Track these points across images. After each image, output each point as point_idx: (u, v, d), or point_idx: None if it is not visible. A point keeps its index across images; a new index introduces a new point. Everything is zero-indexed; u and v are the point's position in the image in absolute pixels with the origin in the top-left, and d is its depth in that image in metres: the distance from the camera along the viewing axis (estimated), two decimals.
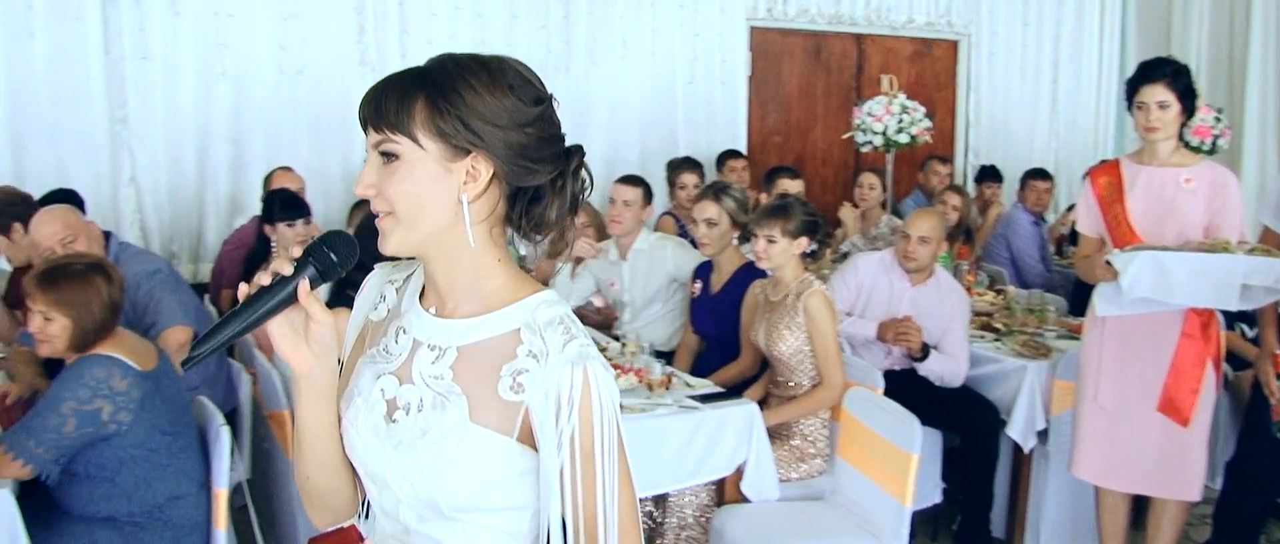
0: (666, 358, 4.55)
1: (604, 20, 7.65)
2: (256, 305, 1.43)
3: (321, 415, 1.56)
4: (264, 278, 1.44)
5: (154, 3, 6.35)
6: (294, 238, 4.89)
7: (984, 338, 4.92)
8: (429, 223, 1.44)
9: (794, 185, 5.95)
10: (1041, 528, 4.46)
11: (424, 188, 1.42)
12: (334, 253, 1.46)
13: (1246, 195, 5.17)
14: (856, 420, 3.69)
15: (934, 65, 9.05)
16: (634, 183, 5.16)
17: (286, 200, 5.08)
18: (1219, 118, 7.56)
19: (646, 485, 3.61)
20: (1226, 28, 8.74)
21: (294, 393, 1.55)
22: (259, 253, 5.25)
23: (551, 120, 1.48)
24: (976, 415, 4.50)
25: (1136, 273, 3.55)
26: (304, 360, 1.50)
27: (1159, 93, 3.70)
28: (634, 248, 5.14)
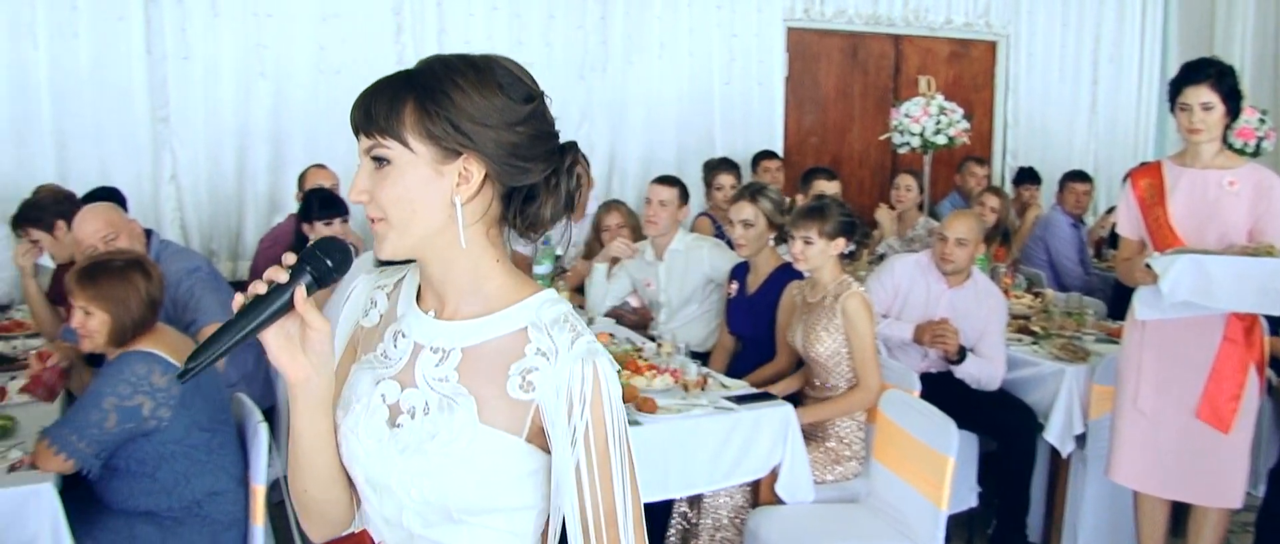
0: (702, 359, 4.54)
1: (641, 20, 7.66)
2: (253, 314, 1.41)
3: (319, 425, 1.54)
4: (260, 287, 1.42)
5: (195, 3, 6.44)
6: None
7: (1021, 341, 4.88)
8: (423, 226, 1.43)
9: (830, 187, 5.93)
10: (1079, 533, 4.42)
11: (416, 192, 1.41)
12: (329, 259, 1.44)
13: None
14: (892, 423, 3.67)
15: (972, 66, 9.00)
16: (670, 183, 5.16)
17: (325, 199, 5.11)
18: (1264, 119, 7.46)
19: (681, 486, 3.61)
20: (1272, 28, 8.64)
21: (290, 403, 1.52)
22: (297, 251, 5.28)
23: (544, 118, 1.47)
24: (1013, 419, 4.47)
25: (1177, 276, 3.51)
26: (301, 369, 1.47)
27: (1203, 94, 3.66)
28: (670, 248, 5.14)
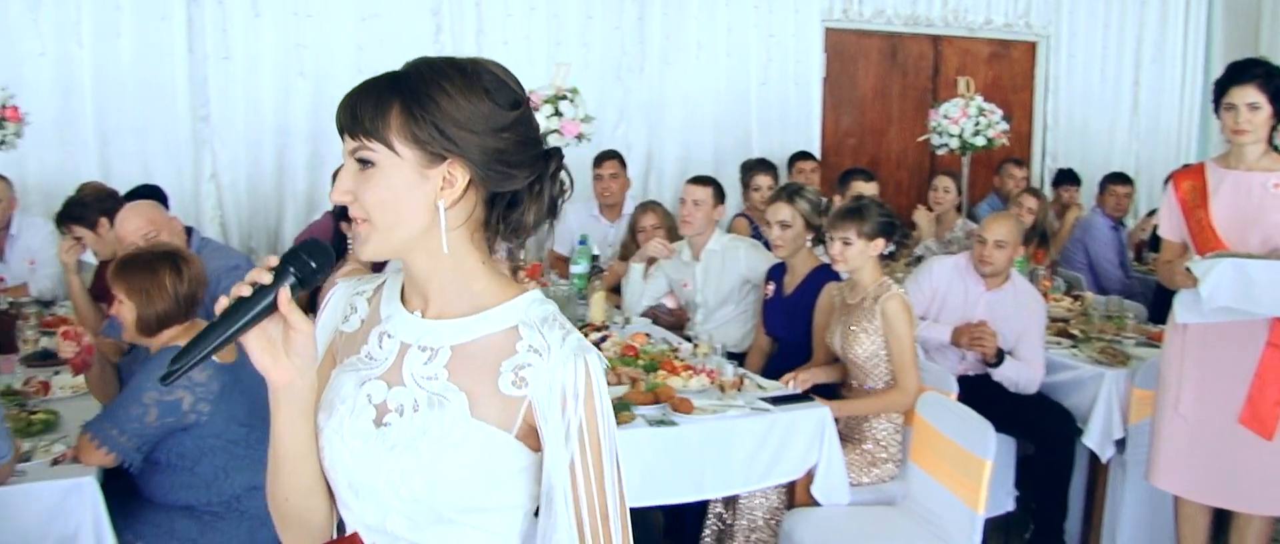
0: (738, 359, 4.53)
1: (678, 21, 7.66)
2: (236, 316, 1.39)
3: (301, 431, 1.51)
4: (243, 289, 1.40)
5: (236, 4, 6.52)
6: None
7: (1060, 344, 4.85)
8: (406, 229, 1.43)
9: (869, 188, 5.91)
10: (1117, 539, 4.39)
11: (400, 194, 1.41)
12: (313, 261, 1.43)
13: None
14: (929, 425, 3.65)
15: (1012, 67, 8.93)
16: (704, 182, 5.15)
17: None
18: None
19: (717, 487, 3.61)
20: None
21: (272, 409, 1.49)
22: (336, 248, 5.32)
23: (529, 124, 1.47)
24: (1052, 423, 4.44)
25: (1217, 281, 3.47)
26: (284, 372, 1.45)
27: (1249, 94, 3.61)
28: (707, 249, 5.13)
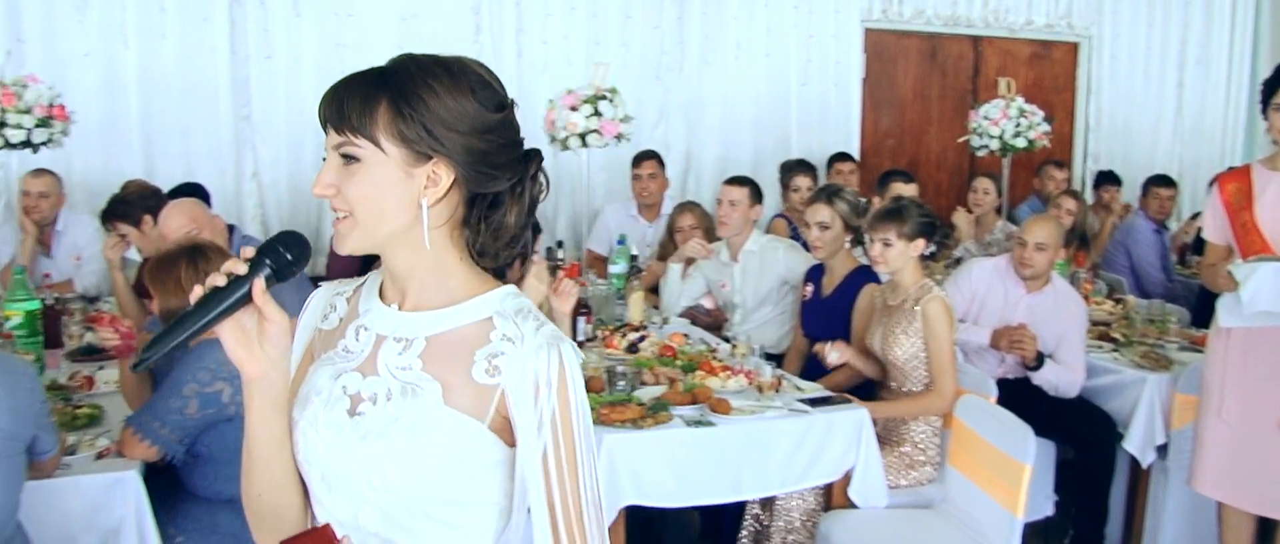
0: (776, 360, 4.53)
1: (718, 21, 7.66)
2: (210, 306, 1.38)
3: (274, 425, 1.50)
4: (218, 279, 1.40)
5: (278, 4, 6.59)
6: None
7: (1101, 348, 4.80)
8: (389, 226, 1.43)
9: (908, 189, 5.88)
10: None
11: (384, 191, 1.41)
12: (289, 252, 1.43)
13: None
14: (968, 428, 3.63)
15: (1053, 68, 8.86)
16: (740, 183, 5.15)
17: None
18: None
19: (754, 488, 3.60)
20: None
21: (245, 402, 1.49)
22: (366, 261, 5.35)
23: (512, 126, 1.48)
24: (1092, 427, 4.41)
25: (1258, 285, 3.44)
26: (258, 363, 1.45)
27: None
28: (745, 249, 5.13)
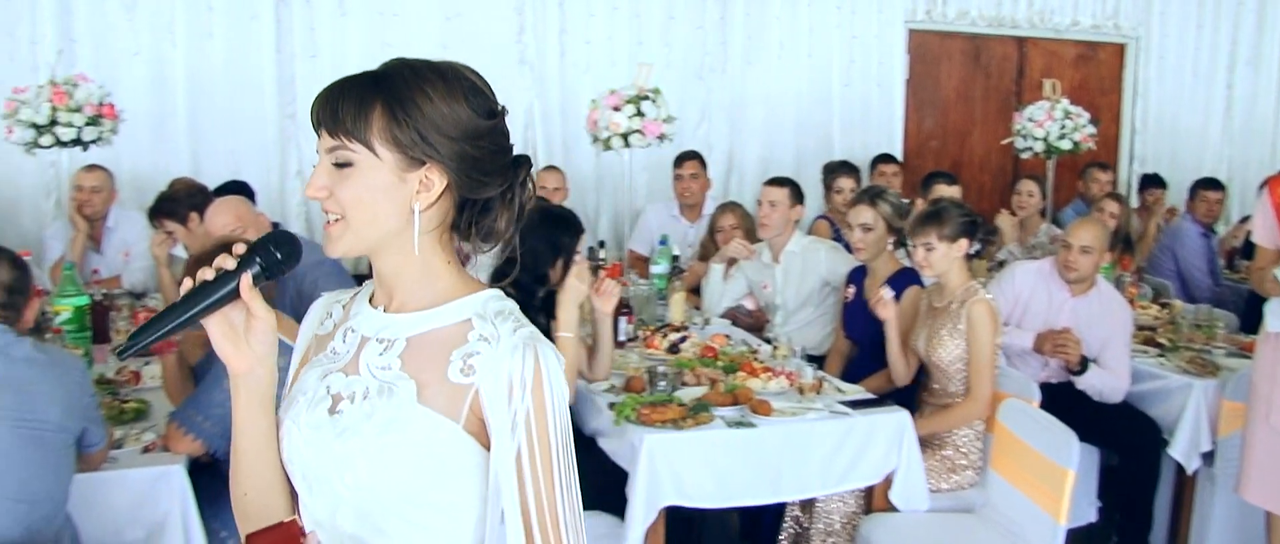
0: (817, 362, 4.51)
1: (760, 21, 7.65)
2: (197, 299, 1.40)
3: (260, 423, 1.52)
4: (208, 273, 1.42)
5: (323, 3, 6.67)
6: None
7: (1147, 353, 4.75)
8: (380, 229, 1.44)
9: (951, 191, 5.85)
10: None
11: (377, 195, 1.41)
12: (278, 251, 1.45)
13: None
14: (1011, 433, 3.61)
15: (1099, 69, 8.78)
16: (780, 183, 5.13)
17: None
18: None
19: (794, 489, 3.60)
20: None
21: (232, 398, 1.52)
22: None
23: (503, 132, 1.48)
24: (1137, 433, 4.37)
25: None
26: (244, 359, 1.48)
27: None
28: (786, 250, 5.12)
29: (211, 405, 3.04)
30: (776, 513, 3.90)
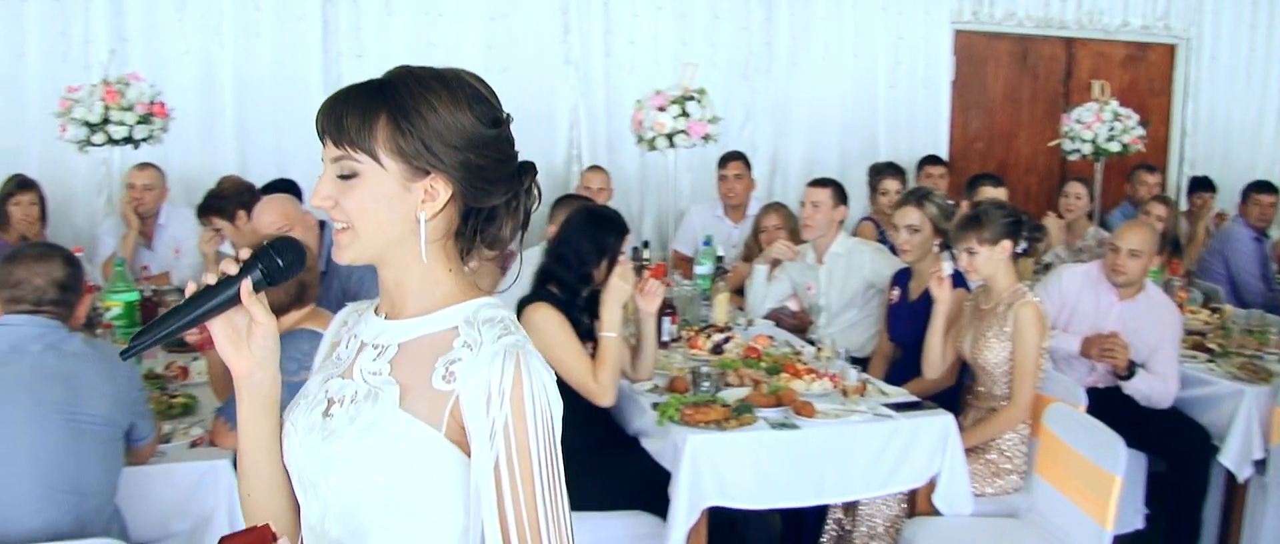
0: (861, 364, 4.50)
1: (805, 22, 7.62)
2: (199, 302, 1.42)
3: (262, 425, 1.54)
4: (210, 277, 1.44)
5: (370, 3, 6.72)
6: None
7: (1196, 358, 4.69)
8: (386, 238, 1.45)
9: (997, 193, 5.81)
10: None
11: (382, 205, 1.42)
12: (281, 257, 1.46)
13: None
14: (1057, 438, 3.57)
15: (1149, 70, 8.66)
16: (823, 184, 5.11)
17: None
18: None
19: (837, 492, 3.60)
20: None
21: (237, 401, 1.54)
22: None
23: (508, 140, 1.48)
24: (1186, 440, 4.32)
25: None
26: (245, 362, 1.50)
27: None
28: (830, 251, 5.10)
29: None
30: (819, 515, 3.89)
